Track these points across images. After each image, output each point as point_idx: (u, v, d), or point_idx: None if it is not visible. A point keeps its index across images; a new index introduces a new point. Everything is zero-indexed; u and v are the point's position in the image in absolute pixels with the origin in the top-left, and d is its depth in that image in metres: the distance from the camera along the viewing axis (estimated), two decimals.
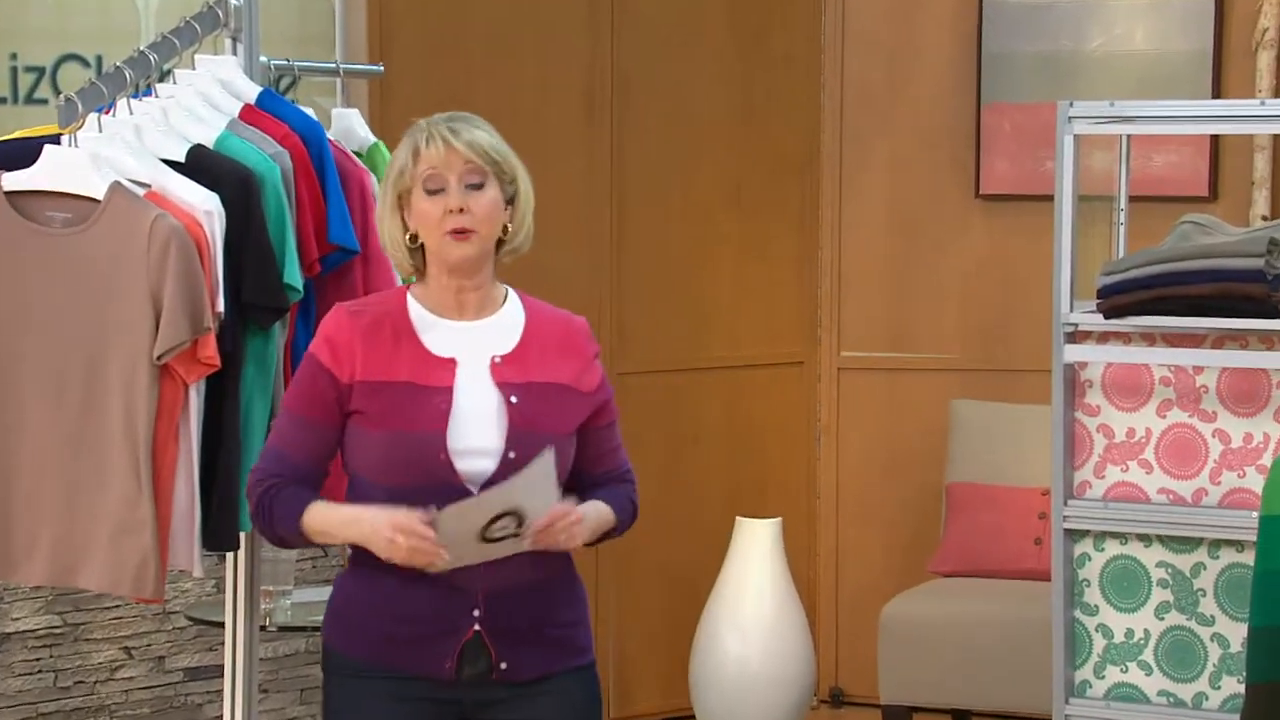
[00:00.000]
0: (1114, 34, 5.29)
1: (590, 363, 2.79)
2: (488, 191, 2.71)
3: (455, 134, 2.70)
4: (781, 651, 5.12)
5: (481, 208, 2.70)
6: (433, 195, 2.70)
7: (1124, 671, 3.70)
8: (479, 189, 2.71)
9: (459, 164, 2.69)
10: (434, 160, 2.69)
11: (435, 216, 2.70)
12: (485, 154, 2.70)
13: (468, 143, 2.69)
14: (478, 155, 2.69)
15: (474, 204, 2.70)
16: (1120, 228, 3.86)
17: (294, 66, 3.49)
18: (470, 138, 2.70)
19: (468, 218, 2.70)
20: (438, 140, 2.69)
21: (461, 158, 2.69)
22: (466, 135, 2.70)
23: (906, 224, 5.54)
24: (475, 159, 2.69)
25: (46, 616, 4.55)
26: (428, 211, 2.71)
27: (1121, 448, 3.69)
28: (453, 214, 2.69)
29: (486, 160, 2.70)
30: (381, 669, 2.71)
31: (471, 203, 2.70)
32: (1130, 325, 3.64)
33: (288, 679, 4.91)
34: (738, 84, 5.46)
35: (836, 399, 5.60)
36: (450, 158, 2.69)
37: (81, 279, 3.02)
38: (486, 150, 2.70)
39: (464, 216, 2.69)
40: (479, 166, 2.70)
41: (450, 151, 2.69)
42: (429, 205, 2.71)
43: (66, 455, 3.03)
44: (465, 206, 2.69)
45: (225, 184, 3.06)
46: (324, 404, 2.70)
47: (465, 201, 2.70)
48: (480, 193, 2.70)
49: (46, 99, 4.48)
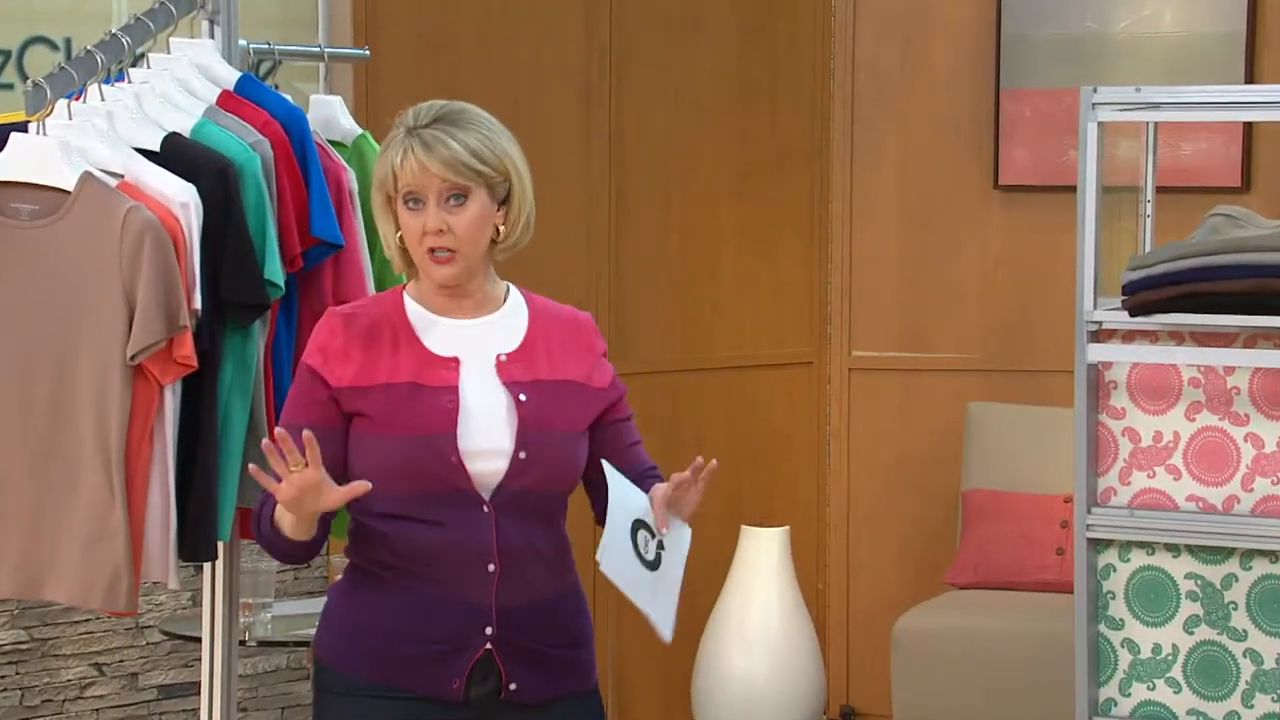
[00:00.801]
0: (1141, 15, 5.29)
1: (599, 359, 2.79)
2: (470, 206, 2.68)
3: (430, 149, 2.65)
4: (789, 668, 5.12)
5: (462, 226, 2.68)
6: (413, 210, 2.69)
7: (1151, 689, 3.70)
8: (461, 205, 2.68)
9: (435, 183, 2.67)
10: (409, 178, 2.67)
11: (415, 234, 2.69)
12: (464, 167, 2.66)
13: (444, 160, 2.65)
14: (454, 172, 2.66)
15: (455, 222, 2.68)
16: (1147, 220, 3.86)
17: (275, 50, 3.49)
18: (447, 153, 2.65)
19: (448, 238, 2.68)
20: (412, 158, 2.65)
21: (437, 178, 2.66)
22: (443, 150, 2.65)
23: (921, 216, 5.55)
24: (451, 177, 2.66)
25: (13, 631, 4.55)
26: (409, 225, 2.70)
27: (1148, 452, 3.69)
28: (430, 235, 2.68)
29: (466, 174, 2.66)
30: (381, 687, 2.71)
31: (452, 221, 2.68)
32: (1157, 323, 3.64)
33: (268, 696, 4.91)
34: (742, 68, 5.46)
35: (847, 401, 5.60)
36: (426, 177, 2.66)
37: (50, 275, 3.02)
38: (465, 163, 2.66)
39: (443, 236, 2.68)
40: (457, 183, 2.67)
41: (425, 171, 2.66)
42: (409, 220, 2.70)
43: (34, 461, 3.03)
44: (444, 226, 2.67)
45: (203, 174, 3.05)
46: (322, 411, 2.70)
47: (444, 220, 2.67)
48: (462, 209, 2.68)
49: (12, 84, 4.47)
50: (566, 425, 2.72)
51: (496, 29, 5.07)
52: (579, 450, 2.75)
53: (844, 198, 5.59)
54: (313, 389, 2.71)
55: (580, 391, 2.76)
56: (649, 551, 2.68)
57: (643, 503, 2.71)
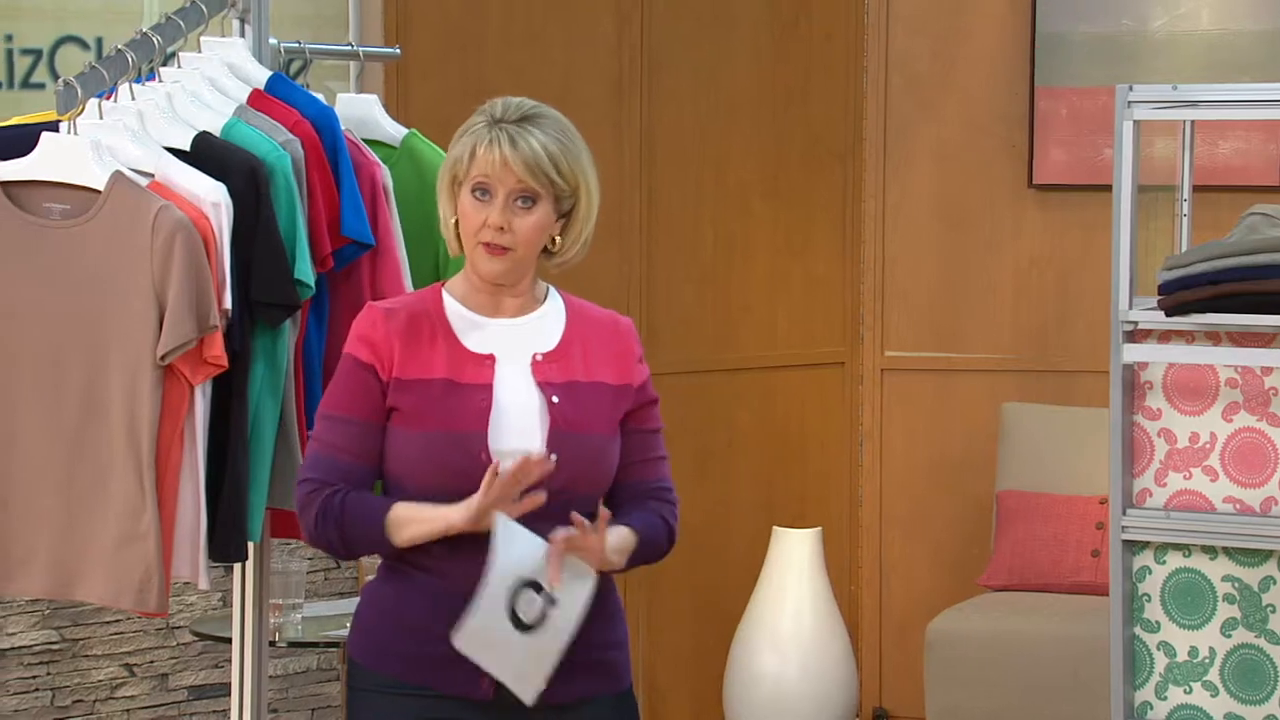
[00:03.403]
0: (1178, 13, 5.27)
1: (635, 363, 2.80)
2: (535, 213, 2.70)
3: (515, 144, 2.67)
4: (821, 670, 5.12)
5: (524, 229, 2.70)
6: (479, 200, 2.70)
7: (1188, 692, 3.69)
8: (527, 208, 2.70)
9: (510, 180, 2.69)
10: (486, 168, 2.69)
11: (474, 225, 2.71)
12: (542, 174, 2.68)
13: (525, 160, 2.67)
14: (532, 175, 2.68)
15: (517, 223, 2.70)
16: (1184, 219, 3.85)
17: (306, 49, 3.50)
18: (531, 152, 2.67)
19: (506, 236, 2.70)
20: (496, 149, 2.67)
21: (514, 175, 2.68)
22: (528, 148, 2.67)
23: (955, 215, 5.53)
24: (528, 179, 2.68)
25: (44, 631, 4.57)
26: (469, 216, 2.71)
27: (1184, 454, 3.68)
28: (490, 229, 2.69)
29: (542, 180, 2.68)
30: (413, 687, 2.71)
31: (516, 221, 2.70)
32: (1194, 323, 3.63)
33: (299, 697, 4.92)
34: (774, 65, 5.45)
35: (880, 402, 5.59)
36: (503, 172, 2.68)
37: (81, 274, 3.03)
38: (545, 170, 2.68)
39: (502, 235, 2.70)
40: (531, 186, 2.69)
41: (505, 166, 2.67)
42: (472, 210, 2.71)
43: (65, 461, 3.04)
44: (507, 224, 2.69)
45: (233, 174, 3.06)
46: (369, 401, 2.70)
47: (508, 219, 2.69)
48: (527, 213, 2.70)
49: (44, 83, 4.50)
50: (598, 428, 2.73)
51: (527, 27, 5.07)
52: (610, 452, 2.75)
53: (877, 196, 5.58)
54: (362, 379, 2.71)
55: (613, 393, 2.76)
56: (529, 613, 2.63)
57: (537, 558, 2.64)
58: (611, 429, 2.75)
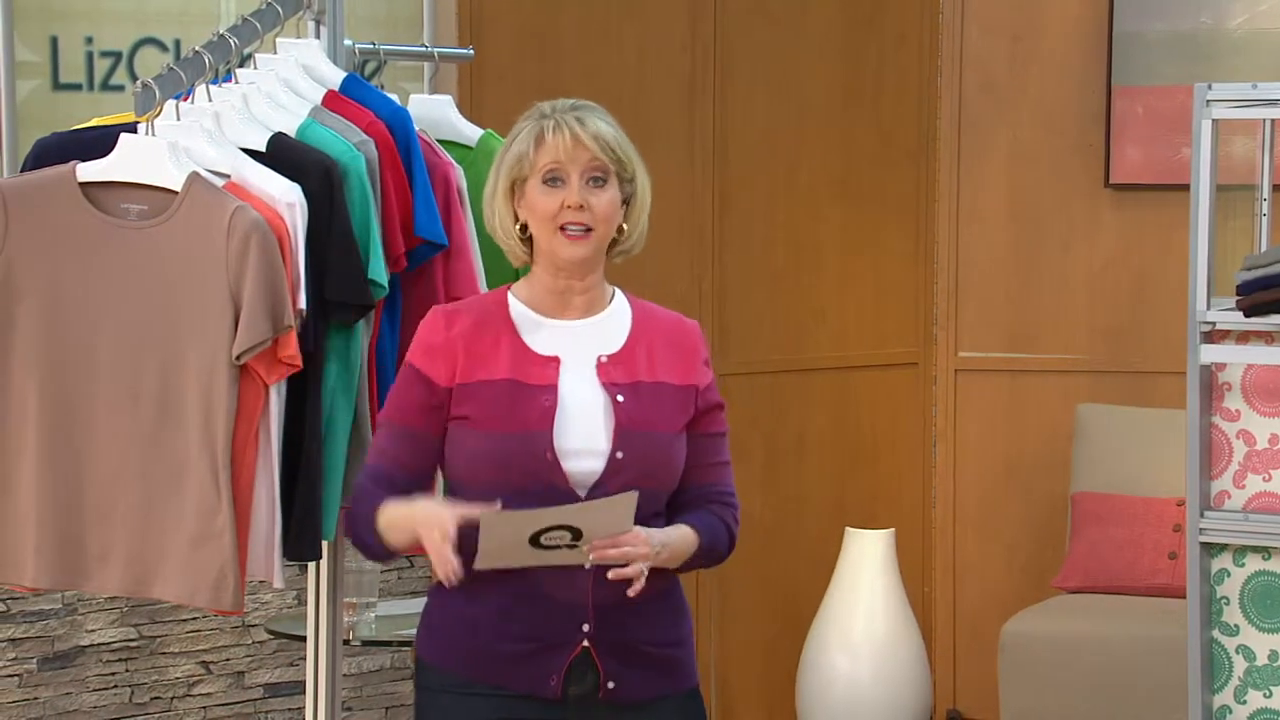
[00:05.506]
0: (1258, 10, 5.21)
1: (701, 366, 2.79)
2: (608, 190, 2.72)
3: (583, 124, 2.71)
4: (895, 672, 5.09)
5: (602, 206, 2.72)
6: (551, 188, 2.71)
7: (1267, 696, 3.65)
8: (601, 186, 2.72)
9: (584, 158, 2.70)
10: (557, 152, 2.70)
11: (551, 210, 2.71)
12: (610, 150, 2.71)
13: (594, 136, 2.70)
14: (603, 150, 2.71)
15: (595, 201, 2.71)
16: (1263, 219, 3.81)
17: (380, 50, 3.51)
18: (597, 130, 2.71)
19: (587, 215, 2.71)
20: (565, 131, 2.70)
21: (588, 152, 2.70)
22: (593, 127, 2.71)
23: (1030, 215, 5.50)
24: (600, 155, 2.70)
25: (122, 629, 4.61)
26: (543, 205, 2.72)
27: (1263, 455, 3.64)
28: (570, 209, 2.70)
29: (611, 157, 2.71)
30: (481, 685, 2.72)
31: (593, 200, 2.71)
32: (1273, 324, 3.59)
33: (372, 695, 4.94)
34: (848, 65, 5.43)
35: (953, 402, 5.56)
36: (576, 151, 2.70)
37: (157, 274, 3.05)
38: (611, 146, 2.72)
39: (583, 213, 2.71)
40: (603, 163, 2.71)
41: (577, 144, 2.70)
42: (545, 198, 2.72)
43: (141, 460, 3.06)
44: (585, 203, 2.71)
45: (308, 174, 3.08)
46: (424, 413, 2.72)
47: (586, 198, 2.71)
48: (601, 190, 2.72)
49: (123, 85, 4.53)
50: (664, 426, 2.73)
51: (600, 27, 5.07)
52: (676, 450, 2.74)
53: (950, 196, 5.55)
54: (418, 391, 2.73)
55: (678, 393, 2.76)
56: (550, 542, 2.61)
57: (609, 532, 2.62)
58: (678, 428, 2.75)
